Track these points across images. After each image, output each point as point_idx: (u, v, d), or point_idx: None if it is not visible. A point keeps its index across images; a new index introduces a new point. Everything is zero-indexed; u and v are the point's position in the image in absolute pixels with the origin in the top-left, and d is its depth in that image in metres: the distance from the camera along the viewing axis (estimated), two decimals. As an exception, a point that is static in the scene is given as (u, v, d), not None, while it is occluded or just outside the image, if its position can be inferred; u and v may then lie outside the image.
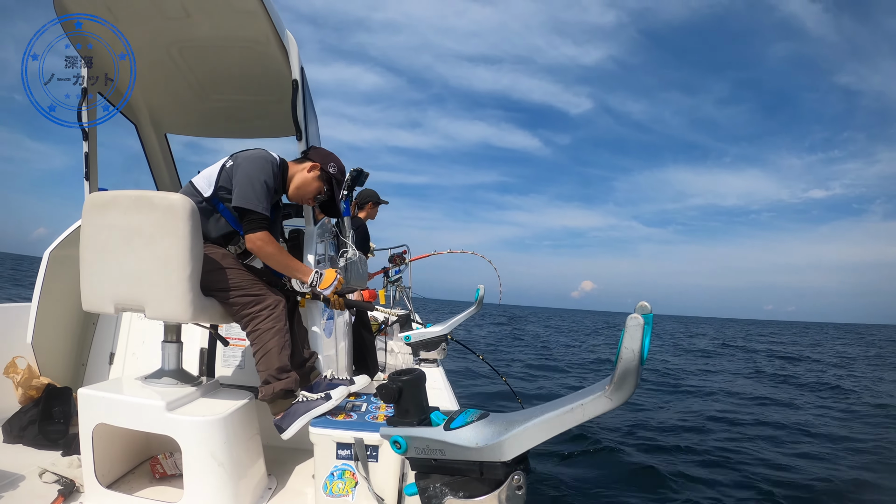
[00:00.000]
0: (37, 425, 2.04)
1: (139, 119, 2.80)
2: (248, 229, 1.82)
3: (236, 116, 2.87)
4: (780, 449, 5.57)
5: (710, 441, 5.63)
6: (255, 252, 1.85)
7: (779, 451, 5.45)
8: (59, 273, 2.30)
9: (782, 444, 5.80)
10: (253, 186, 1.81)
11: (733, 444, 5.56)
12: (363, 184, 3.52)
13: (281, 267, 1.89)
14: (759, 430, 6.37)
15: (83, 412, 1.63)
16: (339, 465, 1.63)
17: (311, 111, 2.38)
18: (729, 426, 6.48)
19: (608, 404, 0.82)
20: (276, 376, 1.76)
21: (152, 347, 2.01)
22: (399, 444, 1.00)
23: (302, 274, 1.91)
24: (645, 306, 0.80)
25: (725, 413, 7.29)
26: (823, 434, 6.33)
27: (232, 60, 2.38)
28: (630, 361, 0.78)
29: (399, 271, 6.05)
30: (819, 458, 5.30)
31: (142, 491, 1.72)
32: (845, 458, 5.35)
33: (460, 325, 4.08)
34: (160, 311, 1.65)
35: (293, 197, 2.08)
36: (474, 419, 0.96)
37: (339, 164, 2.11)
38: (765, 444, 5.70)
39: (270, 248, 1.83)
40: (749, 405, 8.21)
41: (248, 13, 2.00)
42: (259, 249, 1.82)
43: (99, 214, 1.68)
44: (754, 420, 6.95)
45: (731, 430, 6.27)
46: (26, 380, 2.17)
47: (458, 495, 0.96)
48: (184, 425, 1.59)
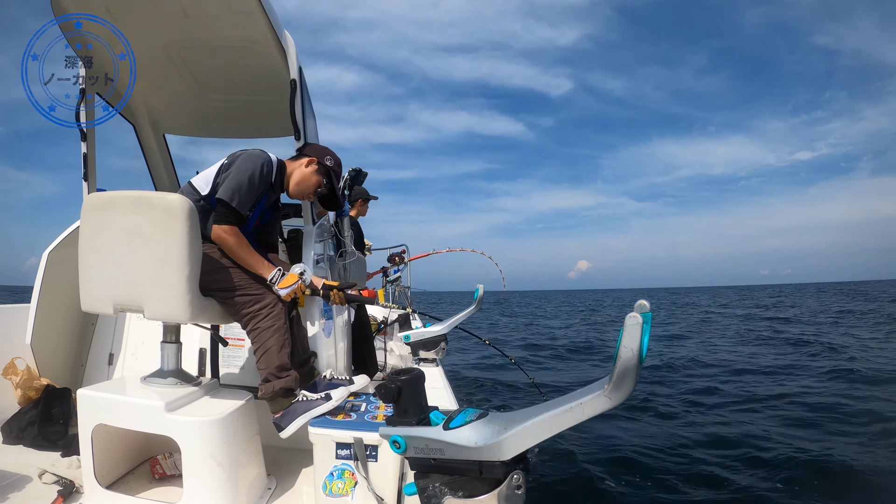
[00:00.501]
0: (36, 426, 2.04)
1: (137, 119, 2.80)
2: (216, 220, 1.80)
3: (235, 117, 2.87)
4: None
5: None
6: (218, 243, 1.81)
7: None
8: (58, 274, 2.30)
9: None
10: (236, 182, 1.81)
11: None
12: (362, 183, 3.52)
13: (241, 261, 1.84)
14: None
15: (82, 413, 1.63)
16: (338, 464, 1.63)
17: (309, 111, 2.38)
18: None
19: (607, 403, 0.82)
20: (276, 374, 1.76)
21: (151, 348, 2.01)
22: (398, 444, 1.00)
23: (263, 270, 1.85)
24: (644, 305, 0.81)
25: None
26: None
27: (230, 60, 2.38)
28: (629, 360, 0.78)
29: (398, 270, 6.05)
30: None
31: (141, 491, 1.72)
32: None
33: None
34: (159, 311, 1.65)
35: (294, 194, 2.08)
36: (473, 419, 0.96)
37: (335, 157, 2.13)
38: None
39: (232, 239, 1.79)
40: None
41: (246, 13, 2.00)
42: (221, 240, 1.79)
43: (98, 215, 1.67)
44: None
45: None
46: (25, 381, 2.16)
47: (458, 495, 0.96)
48: (183, 426, 1.59)
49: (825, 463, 4.21)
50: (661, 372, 8.61)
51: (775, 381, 7.75)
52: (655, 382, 7.69)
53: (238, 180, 1.81)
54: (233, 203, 1.79)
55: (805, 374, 8.26)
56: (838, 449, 4.57)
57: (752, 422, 5.59)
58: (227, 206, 1.79)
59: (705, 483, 4.03)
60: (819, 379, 7.79)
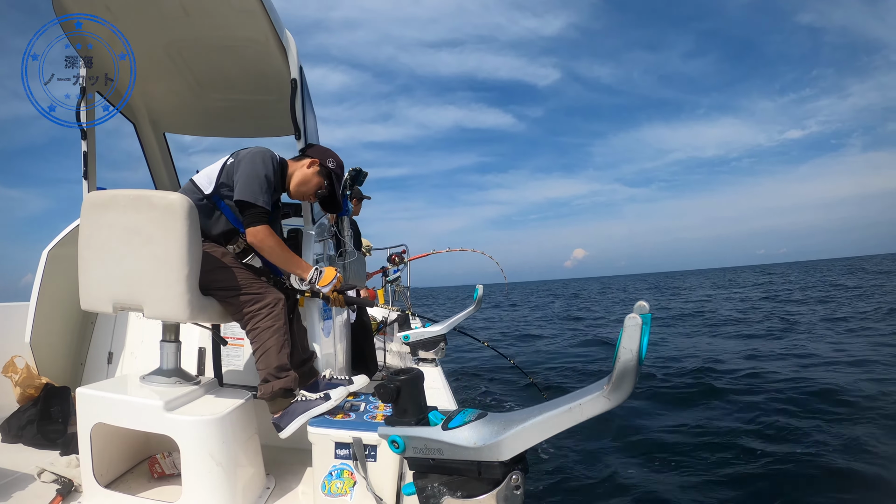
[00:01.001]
0: (35, 425, 2.05)
1: (138, 118, 2.80)
2: (248, 223, 1.81)
3: (235, 116, 2.87)
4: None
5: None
6: (256, 245, 1.83)
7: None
8: (58, 272, 2.30)
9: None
10: (254, 180, 1.81)
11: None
12: (362, 183, 3.52)
13: (281, 261, 1.87)
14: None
15: (82, 412, 1.63)
16: (337, 464, 1.63)
17: (309, 110, 2.38)
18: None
19: (606, 404, 0.82)
20: (276, 375, 1.76)
21: (151, 347, 2.01)
22: (397, 444, 1.00)
23: (302, 270, 1.90)
24: (643, 306, 0.81)
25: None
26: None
27: (231, 60, 2.38)
28: (628, 361, 0.79)
29: (398, 270, 6.05)
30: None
31: (140, 491, 1.72)
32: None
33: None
34: (158, 310, 1.65)
35: (295, 194, 2.08)
36: (472, 419, 0.96)
37: (337, 159, 2.13)
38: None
39: (271, 240, 1.82)
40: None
41: (246, 12, 2.00)
42: (260, 242, 1.81)
43: (97, 213, 1.67)
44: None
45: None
46: (25, 379, 2.16)
47: (457, 495, 0.96)
48: (182, 425, 1.59)
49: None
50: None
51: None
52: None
53: (257, 179, 1.81)
54: (259, 203, 1.79)
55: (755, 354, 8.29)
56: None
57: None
58: (255, 207, 1.80)
59: (706, 484, 4.03)
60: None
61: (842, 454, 3.96)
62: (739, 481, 3.83)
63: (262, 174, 1.83)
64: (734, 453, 4.24)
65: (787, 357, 7.80)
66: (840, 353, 7.73)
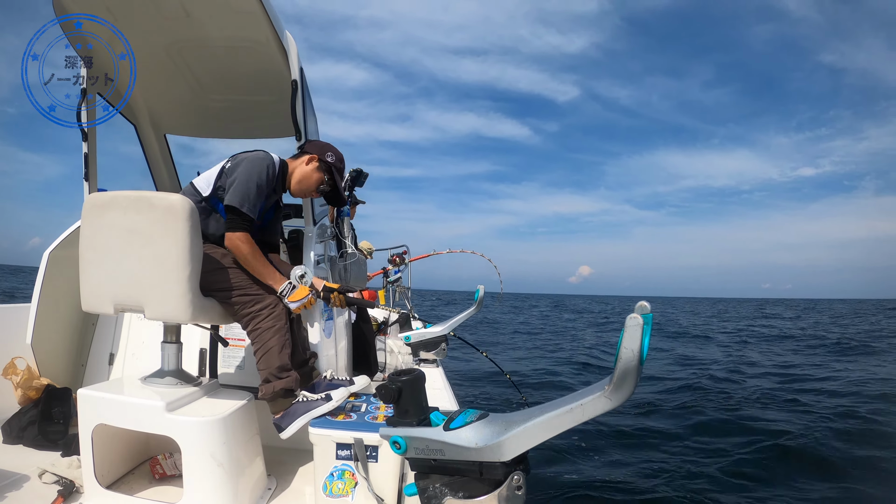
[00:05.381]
0: (36, 426, 2.04)
1: (138, 119, 2.80)
2: (228, 227, 1.80)
3: (235, 117, 2.86)
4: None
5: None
6: (232, 251, 1.81)
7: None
8: (59, 273, 2.30)
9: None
10: (243, 187, 1.80)
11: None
12: (363, 184, 3.51)
13: (254, 270, 1.82)
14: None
15: (83, 413, 1.63)
16: (338, 465, 1.63)
17: (310, 111, 2.38)
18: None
19: (608, 404, 0.82)
20: (277, 375, 1.76)
21: (152, 348, 2.01)
22: (398, 445, 1.00)
23: (274, 282, 1.84)
24: (644, 306, 0.80)
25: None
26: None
27: (231, 60, 2.38)
28: (629, 361, 0.78)
29: (399, 271, 6.04)
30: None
31: (141, 491, 1.72)
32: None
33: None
34: (159, 311, 1.65)
35: (296, 192, 2.08)
36: (474, 419, 0.96)
37: (336, 153, 2.11)
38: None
39: (246, 248, 1.78)
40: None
41: (247, 13, 2.00)
42: (236, 248, 1.79)
43: (98, 215, 1.67)
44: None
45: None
46: (26, 380, 2.17)
47: (458, 495, 0.96)
48: (183, 426, 1.59)
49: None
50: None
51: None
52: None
53: (246, 185, 1.81)
54: (243, 209, 1.78)
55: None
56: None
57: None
58: (238, 213, 1.78)
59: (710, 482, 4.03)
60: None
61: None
62: (740, 481, 3.83)
63: (255, 182, 1.82)
64: (734, 453, 4.24)
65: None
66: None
